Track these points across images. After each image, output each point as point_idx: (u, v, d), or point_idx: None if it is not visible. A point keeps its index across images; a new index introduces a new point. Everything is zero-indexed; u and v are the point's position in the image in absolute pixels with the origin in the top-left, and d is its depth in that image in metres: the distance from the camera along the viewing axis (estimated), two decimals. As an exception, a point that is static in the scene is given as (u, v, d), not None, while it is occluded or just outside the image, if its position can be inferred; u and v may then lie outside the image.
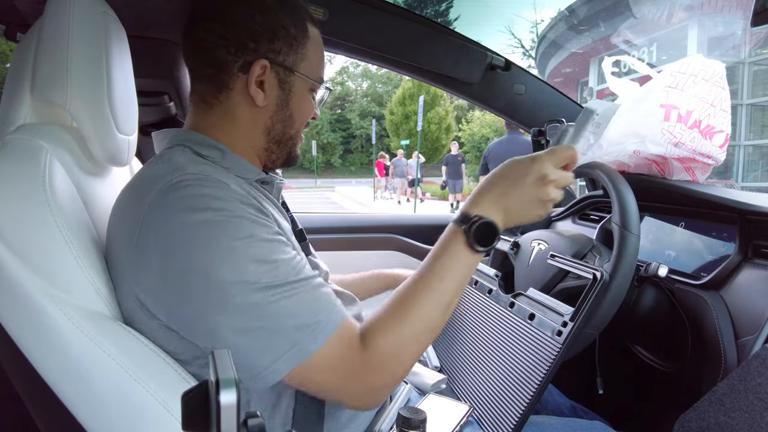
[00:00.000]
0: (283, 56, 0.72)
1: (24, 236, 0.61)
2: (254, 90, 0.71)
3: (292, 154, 0.80)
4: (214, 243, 0.59)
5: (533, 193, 0.69)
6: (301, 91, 0.75)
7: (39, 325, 0.61)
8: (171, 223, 0.60)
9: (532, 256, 1.01)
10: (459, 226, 0.69)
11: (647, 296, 0.87)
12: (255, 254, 0.60)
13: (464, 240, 0.68)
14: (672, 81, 0.93)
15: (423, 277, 0.68)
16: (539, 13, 27.89)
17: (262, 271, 0.60)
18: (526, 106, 1.54)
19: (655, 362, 0.94)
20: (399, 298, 0.67)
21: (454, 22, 24.12)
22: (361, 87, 35.58)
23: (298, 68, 0.73)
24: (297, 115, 0.76)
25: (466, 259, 0.68)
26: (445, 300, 0.67)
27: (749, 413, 0.68)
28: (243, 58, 0.70)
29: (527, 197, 0.69)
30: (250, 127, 0.74)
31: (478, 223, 0.67)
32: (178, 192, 0.61)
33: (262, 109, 0.73)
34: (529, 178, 0.69)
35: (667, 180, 1.04)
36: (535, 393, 0.75)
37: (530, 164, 0.70)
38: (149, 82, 1.34)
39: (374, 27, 1.39)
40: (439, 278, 0.67)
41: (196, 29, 0.71)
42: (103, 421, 0.63)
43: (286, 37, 0.71)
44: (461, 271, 0.68)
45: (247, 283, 0.59)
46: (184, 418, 0.32)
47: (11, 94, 0.73)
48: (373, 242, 1.56)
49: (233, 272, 0.59)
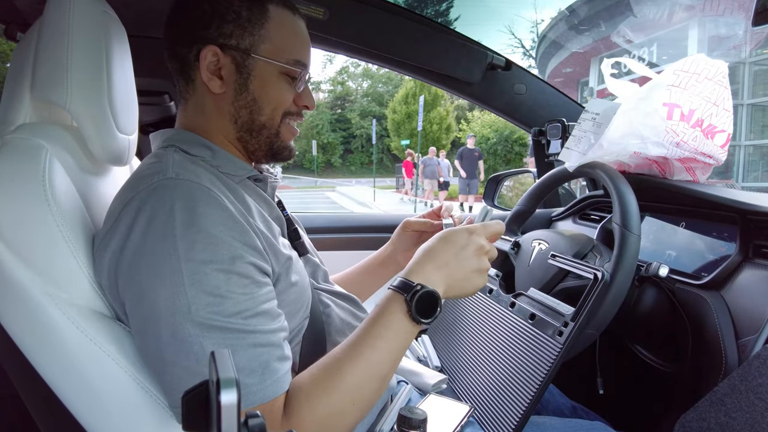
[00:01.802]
0: (235, 39, 0.70)
1: (24, 235, 0.61)
2: (207, 77, 0.71)
3: (275, 146, 0.76)
4: (163, 259, 0.57)
5: (475, 264, 0.69)
6: (265, 74, 0.72)
7: (38, 324, 0.61)
8: (135, 228, 0.60)
9: (533, 256, 1.01)
10: (399, 294, 0.65)
11: (648, 296, 0.87)
12: (203, 281, 0.57)
13: (404, 309, 0.64)
14: (675, 79, 0.93)
15: (356, 344, 0.64)
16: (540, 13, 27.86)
17: (203, 303, 0.56)
18: (526, 106, 1.53)
19: (656, 362, 0.94)
20: (328, 366, 0.63)
21: (455, 21, 24.09)
22: (361, 87, 35.57)
23: (257, 50, 0.71)
24: (263, 100, 0.73)
25: (404, 330, 0.64)
26: (379, 372, 0.63)
27: (750, 413, 0.68)
28: (196, 47, 0.70)
29: (469, 267, 0.68)
30: (216, 116, 0.73)
31: (420, 293, 0.63)
32: (152, 197, 0.61)
33: (223, 96, 0.72)
34: (469, 249, 0.69)
35: (668, 180, 1.03)
36: (536, 393, 0.75)
37: (468, 235, 0.70)
38: (149, 81, 1.34)
39: (374, 26, 1.39)
40: (372, 348, 0.63)
41: (166, 28, 0.73)
42: (102, 420, 0.63)
43: (238, 19, 0.70)
44: (398, 342, 0.64)
45: (179, 309, 0.56)
46: (184, 418, 0.32)
47: (11, 94, 0.73)
48: (373, 242, 1.56)
49: (170, 293, 0.56)
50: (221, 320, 0.57)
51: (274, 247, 0.68)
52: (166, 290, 0.57)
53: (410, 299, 0.63)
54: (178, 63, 0.73)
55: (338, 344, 0.77)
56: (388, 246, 1.04)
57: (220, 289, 0.58)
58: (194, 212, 0.59)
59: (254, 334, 0.59)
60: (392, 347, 0.64)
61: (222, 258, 0.58)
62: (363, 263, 1.06)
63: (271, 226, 0.71)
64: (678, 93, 0.93)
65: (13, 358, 0.63)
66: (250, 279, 0.61)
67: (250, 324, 0.59)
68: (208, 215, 0.59)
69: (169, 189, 0.61)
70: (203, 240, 0.58)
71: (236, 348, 0.58)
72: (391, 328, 0.64)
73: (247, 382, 0.57)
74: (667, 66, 0.95)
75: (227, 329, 0.57)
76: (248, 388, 0.57)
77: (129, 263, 0.59)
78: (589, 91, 13.74)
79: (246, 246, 0.61)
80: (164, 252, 0.57)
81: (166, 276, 0.57)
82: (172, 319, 0.56)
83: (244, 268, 0.60)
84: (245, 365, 0.58)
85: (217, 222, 0.60)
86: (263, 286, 0.63)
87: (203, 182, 0.63)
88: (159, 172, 0.63)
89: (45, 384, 0.62)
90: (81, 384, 0.62)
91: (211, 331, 0.57)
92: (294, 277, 0.71)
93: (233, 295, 0.58)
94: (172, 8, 0.73)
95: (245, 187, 0.72)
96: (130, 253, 0.59)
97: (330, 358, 0.64)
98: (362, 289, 1.04)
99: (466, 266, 0.68)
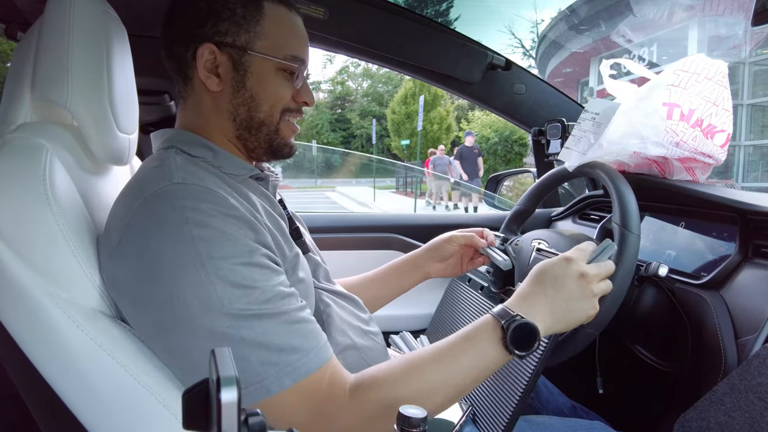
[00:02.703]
0: (231, 37, 0.70)
1: (24, 235, 0.61)
2: (204, 75, 0.71)
3: (275, 143, 0.76)
4: (186, 260, 0.58)
5: (577, 292, 0.68)
6: (262, 71, 0.72)
7: (38, 323, 0.61)
8: (149, 234, 0.60)
9: (532, 255, 1.01)
10: (497, 320, 0.66)
11: (647, 296, 0.87)
12: (228, 276, 0.58)
13: (499, 335, 0.65)
14: (675, 79, 0.93)
15: (441, 351, 0.65)
16: (540, 13, 27.88)
17: (234, 296, 0.58)
18: (526, 106, 1.54)
19: (656, 362, 0.94)
20: (408, 361, 0.65)
21: (455, 21, 24.09)
22: (361, 86, 35.55)
23: (253, 47, 0.71)
24: (261, 96, 0.73)
25: (493, 354, 0.65)
26: (456, 383, 0.64)
27: (749, 413, 0.68)
28: (192, 45, 0.71)
29: (571, 297, 0.68)
30: (215, 115, 0.74)
31: (520, 323, 0.64)
32: (160, 202, 0.61)
33: (221, 94, 0.72)
34: (569, 279, 0.69)
35: (668, 180, 1.04)
36: (524, 391, 0.74)
37: (566, 264, 0.70)
38: (150, 80, 1.34)
39: (374, 26, 1.39)
40: (455, 360, 0.64)
41: (163, 28, 0.74)
42: (103, 419, 0.63)
43: (233, 17, 0.70)
44: (483, 362, 0.65)
45: (213, 306, 0.57)
46: (184, 417, 0.32)
47: (11, 93, 0.73)
48: (373, 242, 1.56)
49: (200, 293, 0.57)
50: (255, 308, 0.59)
51: (282, 245, 0.69)
52: (195, 290, 0.57)
53: (506, 326, 0.64)
54: (176, 62, 0.73)
55: (339, 344, 0.77)
56: (422, 253, 1.02)
57: (247, 280, 0.59)
58: (205, 213, 0.60)
59: (288, 314, 0.61)
60: (475, 366, 0.65)
61: (241, 252, 0.60)
62: (390, 265, 1.05)
63: (278, 223, 0.72)
64: (678, 93, 0.93)
65: (13, 357, 0.63)
66: (269, 269, 0.63)
67: (282, 305, 0.61)
68: (218, 215, 0.60)
69: (176, 194, 0.61)
70: (219, 237, 0.59)
71: (275, 330, 0.59)
72: (481, 349, 0.65)
73: (291, 359, 0.59)
74: (667, 66, 0.95)
75: (262, 316, 0.59)
76: (294, 363, 0.59)
77: (150, 273, 0.59)
78: (589, 91, 13.75)
79: (257, 243, 0.63)
80: (185, 254, 0.58)
81: (193, 276, 0.57)
82: (207, 317, 0.57)
83: (262, 259, 0.62)
84: (286, 344, 0.59)
85: (228, 221, 0.61)
86: (281, 273, 0.65)
87: (209, 185, 0.63)
88: (164, 177, 0.63)
89: (46, 384, 0.62)
90: (81, 383, 0.62)
91: (248, 320, 0.58)
92: (301, 274, 0.71)
93: (260, 284, 0.60)
94: (169, 8, 0.73)
95: (248, 186, 0.72)
96: (149, 262, 0.59)
97: (412, 355, 0.66)
98: (383, 287, 1.03)
99: (567, 296, 0.68)
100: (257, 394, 0.58)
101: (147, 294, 0.60)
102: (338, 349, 0.77)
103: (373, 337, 0.84)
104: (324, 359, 0.62)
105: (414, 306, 1.41)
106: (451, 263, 1.02)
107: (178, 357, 0.61)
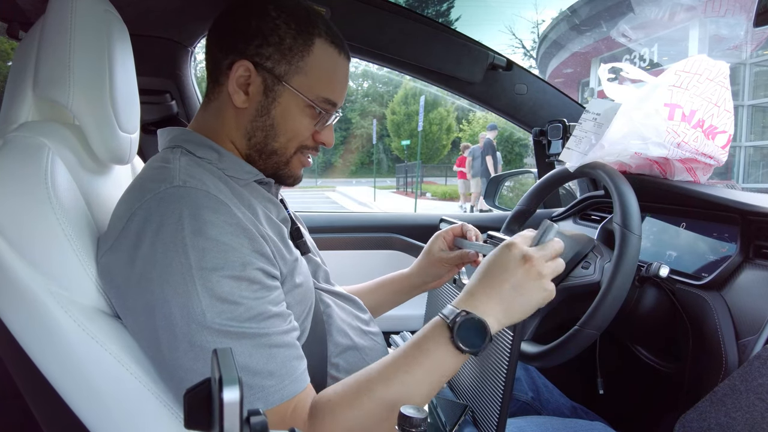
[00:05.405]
0: (272, 63, 0.70)
1: (26, 233, 0.61)
2: (233, 88, 0.71)
3: (280, 173, 0.76)
4: (175, 268, 0.57)
5: (521, 277, 0.64)
6: (290, 105, 0.72)
7: (40, 322, 0.61)
8: (144, 236, 0.60)
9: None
10: (443, 320, 0.63)
11: (648, 297, 0.87)
12: (215, 289, 0.57)
13: (447, 336, 0.62)
14: (676, 80, 0.93)
15: (392, 365, 0.63)
16: (541, 14, 27.90)
17: (217, 311, 0.57)
18: (527, 106, 1.54)
19: (656, 362, 0.94)
20: (359, 383, 0.62)
21: (456, 21, 24.10)
22: (362, 87, 35.55)
23: (289, 80, 0.71)
24: (282, 127, 0.73)
25: (445, 357, 0.62)
26: (413, 396, 0.61)
27: (750, 414, 0.68)
28: (231, 56, 0.71)
29: (518, 283, 0.64)
30: (233, 127, 0.74)
31: (465, 319, 0.61)
32: (160, 205, 0.61)
33: (243, 111, 0.72)
34: (511, 265, 0.64)
35: (669, 180, 1.03)
36: (505, 386, 0.71)
37: (507, 251, 0.66)
38: (151, 80, 1.34)
39: (375, 26, 1.39)
40: (408, 373, 0.61)
41: (213, 24, 0.74)
42: (103, 418, 0.63)
43: (280, 44, 0.70)
44: (436, 368, 0.62)
45: (194, 318, 0.57)
46: (186, 416, 0.32)
47: (13, 92, 0.73)
48: (374, 242, 1.56)
49: (184, 302, 0.57)
50: (236, 326, 0.58)
51: (282, 251, 0.68)
52: (180, 299, 0.57)
53: (452, 325, 0.61)
54: (212, 63, 0.74)
55: (339, 345, 0.77)
56: (417, 279, 0.99)
57: (233, 296, 0.58)
58: (203, 220, 0.59)
59: (269, 336, 0.60)
60: (429, 373, 0.62)
61: (233, 264, 0.59)
62: (386, 280, 1.03)
63: (279, 228, 0.71)
64: (679, 93, 0.93)
65: (15, 357, 0.63)
66: (260, 284, 0.61)
67: (264, 327, 0.60)
68: (216, 223, 0.60)
69: (176, 198, 0.61)
70: (213, 248, 0.59)
71: (253, 351, 0.58)
72: (431, 355, 0.62)
73: (265, 383, 0.58)
74: (667, 66, 0.95)
75: (243, 334, 0.58)
76: (268, 389, 0.58)
77: (140, 275, 0.59)
78: (590, 91, 13.74)
79: (255, 252, 0.62)
80: (175, 262, 0.58)
81: (179, 285, 0.57)
82: (187, 328, 0.57)
83: (254, 273, 0.61)
84: (263, 367, 0.58)
85: (226, 230, 0.60)
86: (273, 289, 0.63)
87: (210, 190, 0.63)
88: (166, 179, 0.63)
89: (46, 381, 0.62)
90: (82, 382, 0.62)
91: (228, 337, 0.57)
92: (299, 279, 0.71)
93: (246, 301, 0.59)
94: (224, 10, 0.73)
95: (251, 190, 0.72)
96: (140, 264, 0.59)
97: (363, 375, 0.63)
98: (379, 302, 1.02)
99: (514, 283, 0.64)
100: None
101: (134, 295, 0.60)
102: (339, 349, 0.77)
103: (374, 337, 0.84)
104: (298, 390, 0.60)
105: (414, 306, 1.41)
106: (446, 277, 1.01)
107: (159, 359, 0.61)
